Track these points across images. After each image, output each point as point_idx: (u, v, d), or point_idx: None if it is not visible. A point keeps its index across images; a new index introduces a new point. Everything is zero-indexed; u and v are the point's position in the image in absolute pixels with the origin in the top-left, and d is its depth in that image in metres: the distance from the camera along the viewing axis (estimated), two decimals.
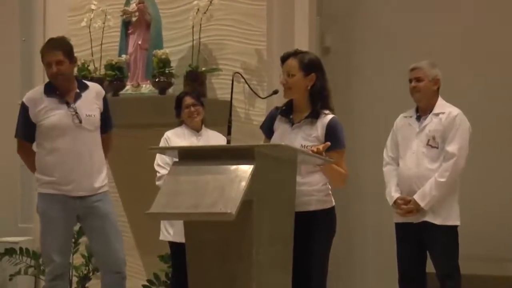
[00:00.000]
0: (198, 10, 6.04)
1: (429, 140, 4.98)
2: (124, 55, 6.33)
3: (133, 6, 6.34)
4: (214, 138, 5.41)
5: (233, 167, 3.67)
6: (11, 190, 7.37)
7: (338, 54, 6.97)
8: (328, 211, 4.24)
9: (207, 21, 6.09)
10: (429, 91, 5.04)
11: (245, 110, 6.15)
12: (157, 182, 5.27)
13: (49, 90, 4.93)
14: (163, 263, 6.04)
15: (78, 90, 4.96)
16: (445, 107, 5.04)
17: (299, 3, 6.37)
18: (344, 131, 4.23)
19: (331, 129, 4.17)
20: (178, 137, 5.39)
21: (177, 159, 3.95)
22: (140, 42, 6.34)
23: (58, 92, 4.92)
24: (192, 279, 3.86)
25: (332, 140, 4.08)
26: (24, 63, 7.30)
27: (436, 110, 5.02)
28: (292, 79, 4.21)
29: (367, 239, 6.87)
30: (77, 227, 5.35)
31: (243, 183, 3.59)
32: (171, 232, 5.34)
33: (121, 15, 6.40)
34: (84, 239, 5.74)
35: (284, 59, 4.28)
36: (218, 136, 5.40)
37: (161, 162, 5.29)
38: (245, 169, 3.64)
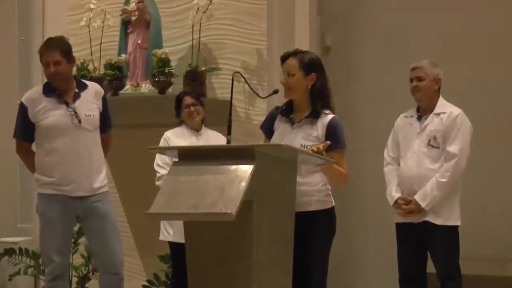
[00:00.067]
0: (198, 9, 6.03)
1: (430, 140, 4.96)
2: (123, 55, 6.32)
3: (132, 5, 6.33)
4: (214, 138, 5.40)
5: (233, 167, 3.66)
6: (11, 190, 7.37)
7: (339, 54, 6.97)
8: (328, 211, 4.23)
9: (207, 20, 6.08)
10: (430, 91, 5.02)
11: (245, 110, 6.13)
12: (157, 182, 5.26)
13: (48, 90, 4.91)
14: (163, 264, 6.03)
15: (77, 90, 4.95)
16: (446, 107, 5.03)
17: (299, 3, 6.35)
18: (345, 131, 4.22)
19: (331, 129, 4.16)
20: (178, 137, 5.38)
21: (177, 159, 3.94)
22: (139, 42, 6.33)
23: (57, 92, 4.90)
24: (192, 279, 3.86)
25: (332, 140, 4.06)
26: (22, 63, 7.30)
27: (437, 110, 5.01)
28: (292, 79, 4.20)
29: (367, 239, 6.86)
30: (76, 227, 5.34)
31: (243, 183, 3.58)
32: (171, 232, 5.33)
33: (121, 14, 6.39)
34: (84, 239, 5.72)
35: (284, 58, 4.27)
36: (218, 136, 5.38)
37: (161, 162, 5.28)
38: (245, 169, 3.63)
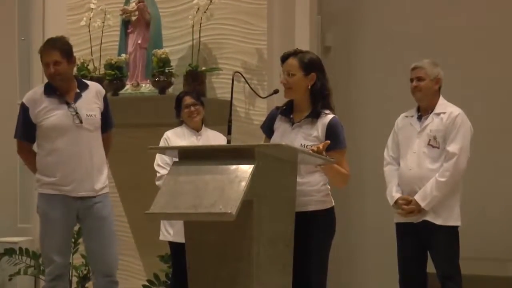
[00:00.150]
0: (198, 9, 6.03)
1: (430, 140, 4.96)
2: (123, 55, 6.32)
3: (132, 5, 6.33)
4: (214, 138, 5.40)
5: (233, 167, 3.66)
6: (11, 190, 7.36)
7: (339, 53, 6.96)
8: (327, 211, 4.23)
9: (207, 20, 6.08)
10: (431, 91, 5.02)
11: (245, 110, 6.13)
12: (157, 182, 5.26)
13: (49, 90, 4.91)
14: (163, 263, 6.03)
15: (78, 90, 4.94)
16: (446, 106, 5.02)
17: (299, 2, 6.35)
18: (345, 130, 4.21)
19: (331, 128, 4.15)
20: (178, 137, 5.37)
21: (177, 159, 3.94)
22: (139, 41, 6.33)
23: (58, 92, 4.89)
24: (192, 279, 3.85)
25: (332, 139, 4.05)
26: (22, 63, 7.28)
27: (438, 110, 5.00)
28: (293, 79, 4.20)
29: (367, 239, 6.85)
30: (77, 227, 5.33)
31: (243, 183, 3.58)
32: (171, 232, 5.33)
33: (121, 14, 6.39)
34: None
35: (284, 58, 4.26)
36: (218, 135, 5.38)
37: (161, 162, 5.28)
38: (245, 169, 3.63)
